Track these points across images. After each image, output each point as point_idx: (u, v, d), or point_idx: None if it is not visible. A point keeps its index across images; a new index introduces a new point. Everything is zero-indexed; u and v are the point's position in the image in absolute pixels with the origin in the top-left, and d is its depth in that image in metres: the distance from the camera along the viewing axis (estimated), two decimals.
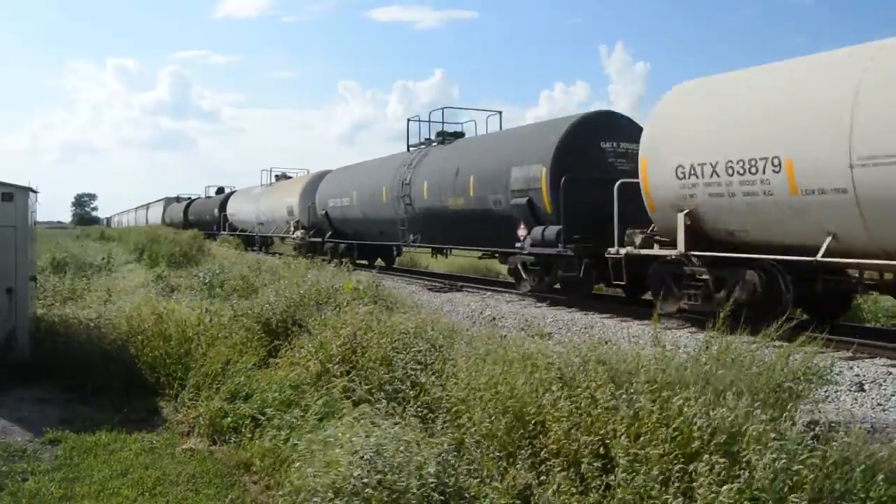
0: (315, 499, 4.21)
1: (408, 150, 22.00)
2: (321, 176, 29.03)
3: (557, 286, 14.77)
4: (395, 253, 25.89)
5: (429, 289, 18.12)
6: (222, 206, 43.16)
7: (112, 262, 24.04)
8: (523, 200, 14.65)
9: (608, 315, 13.07)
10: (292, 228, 29.56)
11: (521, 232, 14.82)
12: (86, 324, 9.93)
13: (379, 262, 25.38)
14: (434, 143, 20.87)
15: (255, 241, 36.60)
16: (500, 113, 20.85)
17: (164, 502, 5.47)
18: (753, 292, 9.85)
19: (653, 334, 5.62)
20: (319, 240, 27.01)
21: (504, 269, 24.58)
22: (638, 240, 11.65)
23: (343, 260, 22.64)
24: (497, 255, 17.67)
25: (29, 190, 9.53)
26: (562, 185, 13.29)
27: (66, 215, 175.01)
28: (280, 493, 5.10)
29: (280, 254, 30.54)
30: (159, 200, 70.64)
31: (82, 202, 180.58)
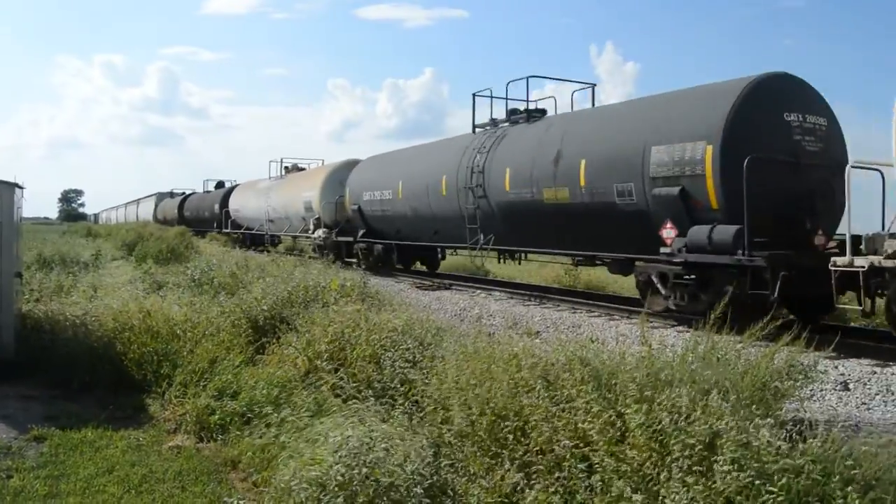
0: (301, 495, 4.21)
1: (473, 131, 18.07)
2: (349, 165, 24.80)
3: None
4: (439, 256, 22.14)
5: (417, 287, 18.11)
6: (224, 201, 39.45)
7: (100, 259, 23.91)
8: (673, 191, 11.10)
9: (596, 314, 13.12)
10: (311, 227, 25.22)
11: (668, 233, 11.28)
12: (72, 321, 9.87)
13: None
14: (506, 123, 17.03)
15: (263, 240, 32.80)
16: (594, 86, 17.11)
17: (150, 500, 5.45)
18: None
19: (640, 333, 5.64)
20: (349, 239, 22.85)
21: (496, 271, 24.69)
22: (889, 247, 8.76)
23: (380, 264, 20.95)
24: (608, 262, 14.18)
25: (15, 185, 9.46)
26: (745, 169, 9.86)
27: (52, 211, 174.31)
28: (267, 489, 5.10)
29: (299, 252, 26.46)
30: (150, 196, 66.21)
31: (69, 198, 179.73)
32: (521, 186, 14.80)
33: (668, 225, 11.32)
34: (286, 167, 33.98)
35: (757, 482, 3.25)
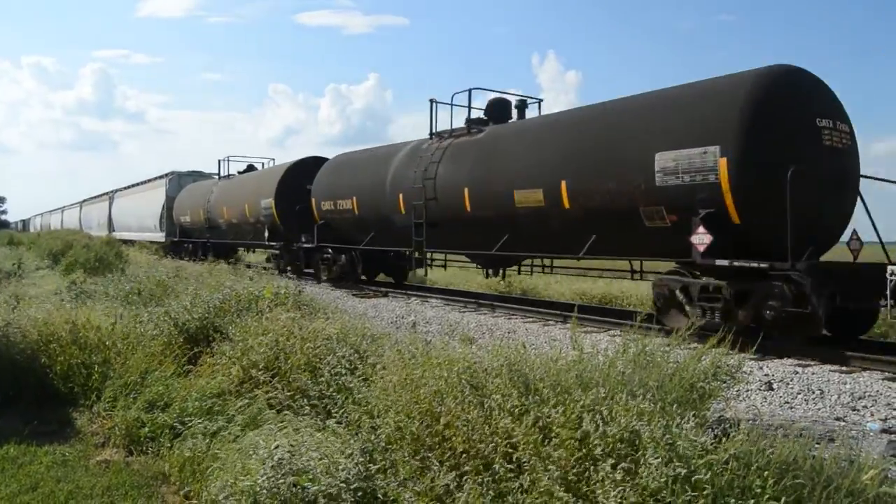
0: None
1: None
2: None
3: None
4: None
5: (353, 294, 18.06)
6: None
7: (22, 269, 23.08)
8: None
9: (531, 319, 13.27)
10: None
11: None
12: None
13: None
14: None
15: None
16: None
17: None
18: None
19: (572, 337, 5.73)
20: None
21: None
22: None
23: None
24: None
25: None
26: None
27: None
28: (198, 501, 5.02)
29: None
30: (151, 181, 39.61)
31: None
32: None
33: None
34: None
35: (681, 477, 3.35)
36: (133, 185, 45.16)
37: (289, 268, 24.15)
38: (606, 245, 12.17)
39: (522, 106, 16.21)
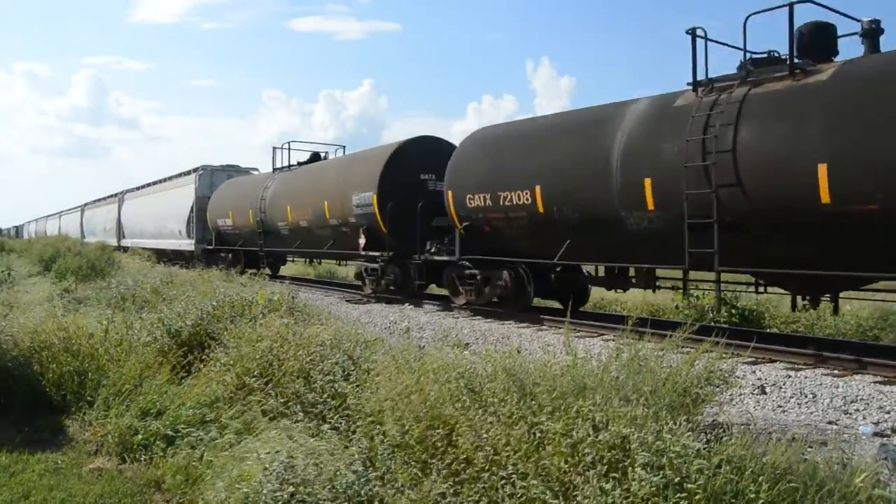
0: None
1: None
2: None
3: None
4: None
5: (347, 301, 18.03)
6: None
7: (13, 276, 22.96)
8: None
9: (525, 325, 13.28)
10: None
11: None
12: None
13: None
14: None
15: None
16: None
17: None
18: None
19: (565, 342, 5.74)
20: None
21: None
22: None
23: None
24: None
25: None
26: None
27: None
28: None
29: None
30: (177, 177, 32.81)
31: None
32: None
33: None
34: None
35: (673, 484, 3.36)
36: (149, 184, 37.54)
37: (391, 287, 17.91)
38: None
39: (875, 32, 9.62)
